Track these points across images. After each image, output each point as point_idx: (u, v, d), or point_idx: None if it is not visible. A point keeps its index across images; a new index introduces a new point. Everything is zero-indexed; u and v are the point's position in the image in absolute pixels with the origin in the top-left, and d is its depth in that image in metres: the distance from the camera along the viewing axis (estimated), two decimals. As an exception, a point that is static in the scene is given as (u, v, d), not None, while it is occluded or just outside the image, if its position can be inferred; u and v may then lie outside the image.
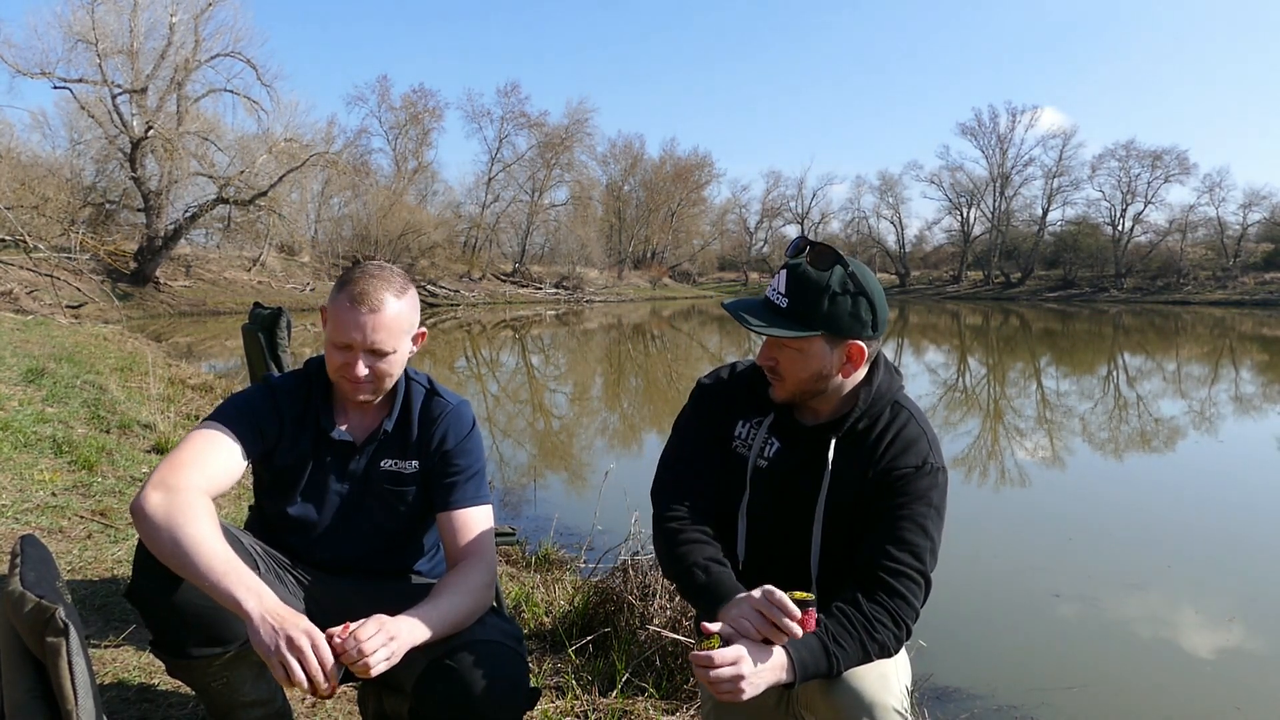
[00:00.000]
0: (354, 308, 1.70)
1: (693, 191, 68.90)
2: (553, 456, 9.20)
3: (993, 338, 29.08)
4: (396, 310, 1.73)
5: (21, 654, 1.24)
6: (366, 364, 1.72)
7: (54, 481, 4.19)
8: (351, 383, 1.74)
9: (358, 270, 1.76)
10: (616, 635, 2.96)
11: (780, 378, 1.66)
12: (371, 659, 1.46)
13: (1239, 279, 52.26)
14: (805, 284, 1.59)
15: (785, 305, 1.60)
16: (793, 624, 1.43)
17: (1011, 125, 63.76)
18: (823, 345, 1.61)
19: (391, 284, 1.74)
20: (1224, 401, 13.43)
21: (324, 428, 1.81)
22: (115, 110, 27.80)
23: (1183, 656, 4.14)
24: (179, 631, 1.63)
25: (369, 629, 1.48)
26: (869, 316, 1.61)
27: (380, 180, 47.19)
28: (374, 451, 1.84)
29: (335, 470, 1.83)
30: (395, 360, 1.76)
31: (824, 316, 1.58)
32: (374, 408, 1.85)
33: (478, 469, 1.87)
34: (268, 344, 3.16)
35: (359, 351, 1.71)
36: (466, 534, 1.80)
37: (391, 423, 1.84)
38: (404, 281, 1.79)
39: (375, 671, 1.47)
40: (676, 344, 25.96)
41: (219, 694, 1.70)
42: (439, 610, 1.62)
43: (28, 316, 15.23)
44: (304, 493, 1.83)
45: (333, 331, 1.73)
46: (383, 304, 1.71)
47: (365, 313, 1.69)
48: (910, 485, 1.60)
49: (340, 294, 1.73)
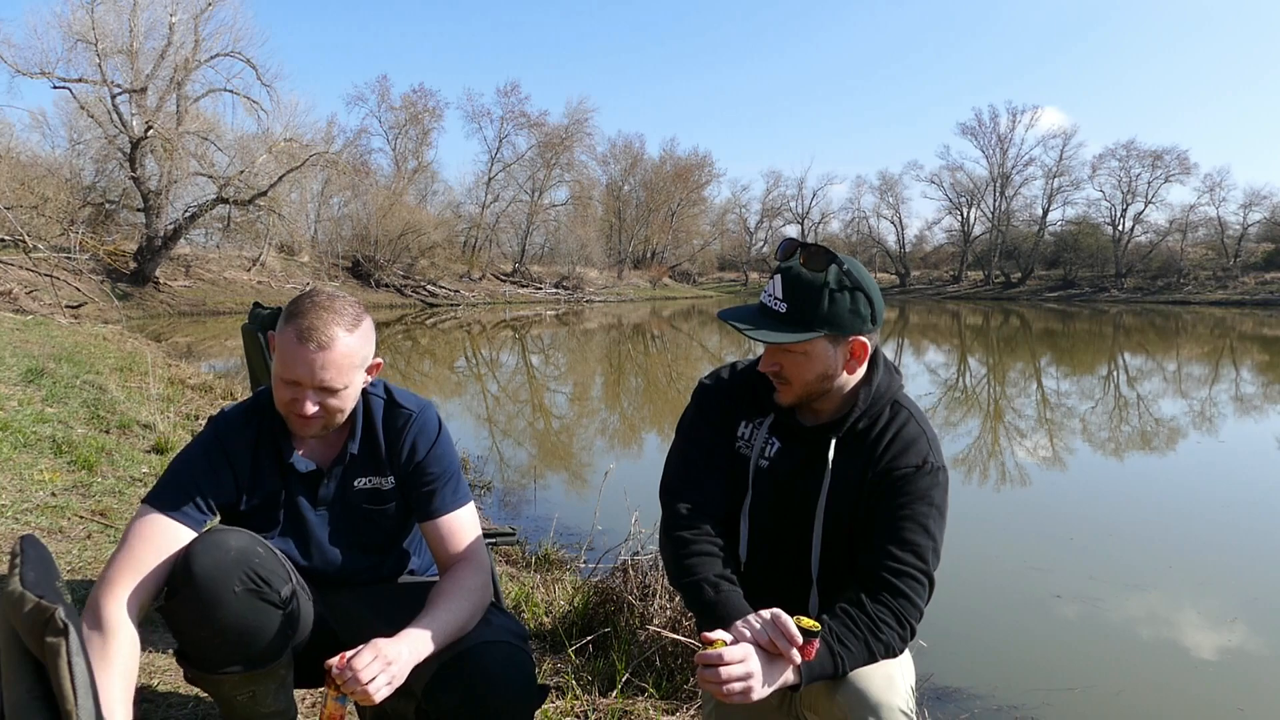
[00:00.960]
0: (301, 344, 1.60)
1: (693, 191, 68.88)
2: (553, 456, 9.19)
3: (993, 338, 29.07)
4: (347, 346, 1.63)
5: (21, 654, 1.24)
6: (315, 401, 1.63)
7: (54, 481, 4.18)
8: (300, 419, 1.66)
9: (307, 301, 1.65)
10: (616, 635, 2.95)
11: (786, 382, 1.65)
12: (370, 687, 1.44)
13: (1239, 279, 52.24)
14: (802, 286, 1.58)
15: (784, 310, 1.59)
16: (794, 652, 1.43)
17: (1012, 125, 63.91)
18: (826, 345, 1.60)
19: (343, 317, 1.63)
20: (1224, 401, 13.43)
21: (285, 459, 1.75)
22: (115, 110, 27.78)
23: (1185, 657, 4.13)
24: (218, 650, 1.60)
25: (364, 658, 1.45)
26: (868, 310, 1.61)
27: (380, 180, 47.23)
28: (343, 473, 1.79)
29: (306, 499, 1.78)
30: (347, 395, 1.68)
31: (825, 316, 1.57)
32: (333, 433, 1.78)
33: (453, 472, 1.82)
34: (267, 344, 3.16)
35: (307, 389, 1.62)
36: (454, 539, 1.78)
37: (356, 444, 1.78)
38: (356, 312, 1.67)
39: (378, 699, 1.45)
40: (676, 344, 25.95)
41: (243, 706, 1.67)
42: (439, 620, 1.59)
43: (27, 316, 15.22)
44: (281, 530, 1.78)
45: (279, 366, 1.64)
46: (333, 340, 1.61)
47: (314, 350, 1.59)
48: (911, 485, 1.60)
49: (288, 327, 1.62)
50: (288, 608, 1.63)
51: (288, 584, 1.65)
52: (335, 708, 1.49)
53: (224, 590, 1.53)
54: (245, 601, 1.56)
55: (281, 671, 1.67)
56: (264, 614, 1.57)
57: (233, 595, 1.53)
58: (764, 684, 1.41)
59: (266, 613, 1.58)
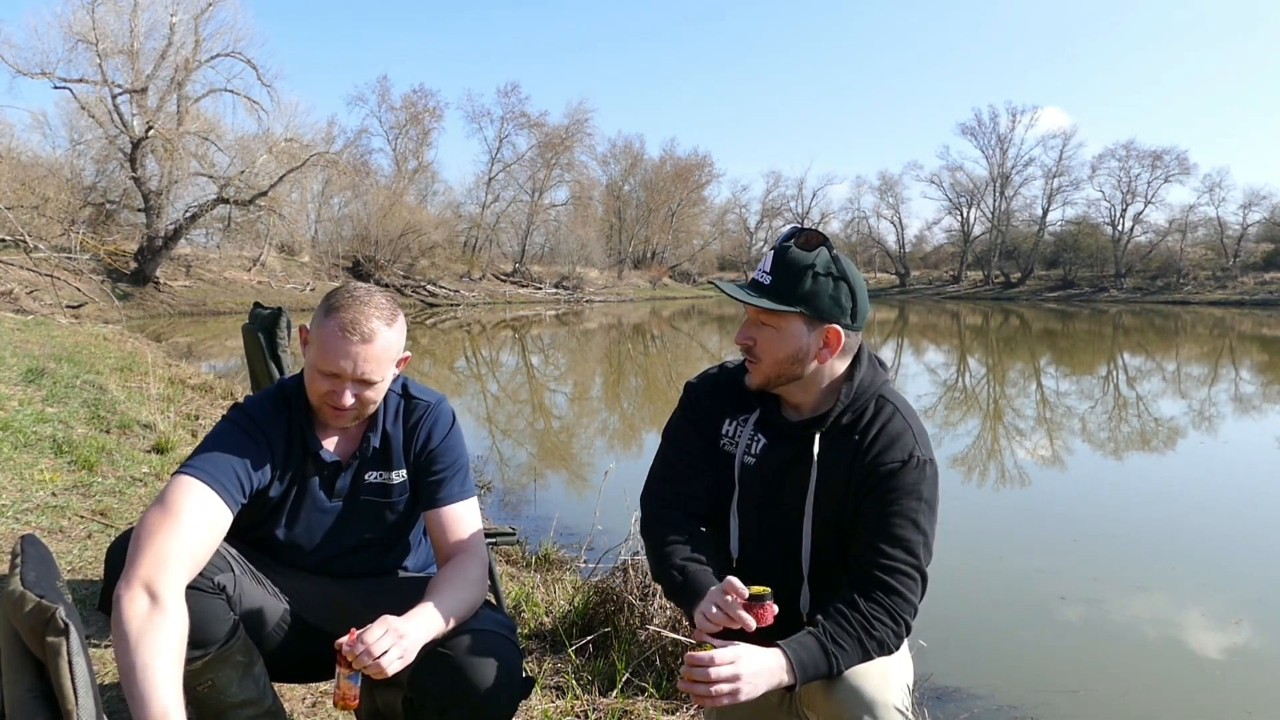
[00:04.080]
0: (345, 336, 1.64)
1: (693, 191, 68.88)
2: (553, 456, 9.19)
3: (993, 338, 29.07)
4: (387, 340, 1.68)
5: (21, 654, 1.24)
6: (353, 393, 1.68)
7: (54, 481, 4.19)
8: (335, 410, 1.71)
9: (346, 295, 1.70)
10: (616, 635, 2.95)
11: (756, 359, 1.66)
12: (384, 660, 1.46)
13: (1239, 279, 52.24)
14: (789, 263, 1.62)
15: (768, 282, 1.62)
16: (745, 615, 1.45)
17: (1011, 125, 63.86)
18: (800, 325, 1.62)
19: (382, 311, 1.69)
20: (1224, 401, 13.43)
21: (312, 449, 1.79)
22: (115, 110, 27.81)
23: (1189, 659, 4.12)
24: None
25: (375, 631, 1.48)
26: (849, 304, 1.62)
27: (380, 180, 47.23)
28: (358, 466, 1.83)
29: (323, 489, 1.81)
30: (381, 388, 1.73)
31: (804, 295, 1.60)
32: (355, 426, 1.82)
33: (462, 464, 1.86)
34: (268, 344, 3.16)
35: (346, 381, 1.67)
36: (457, 529, 1.81)
37: (377, 438, 1.82)
38: (393, 308, 1.73)
39: (390, 671, 1.47)
40: (676, 344, 25.96)
41: (206, 697, 1.68)
42: (445, 605, 1.62)
43: (28, 316, 15.23)
44: (290, 516, 1.81)
45: (319, 358, 1.68)
46: (374, 334, 1.66)
47: (357, 343, 1.64)
48: (898, 480, 1.60)
49: (329, 320, 1.66)
50: (223, 593, 1.64)
51: (224, 573, 1.66)
52: (347, 686, 1.51)
53: None
54: None
55: (238, 658, 1.67)
56: (194, 599, 1.56)
57: None
58: (755, 684, 1.42)
59: (196, 598, 1.57)
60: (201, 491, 1.61)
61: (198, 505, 1.59)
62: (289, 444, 1.78)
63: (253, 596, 1.73)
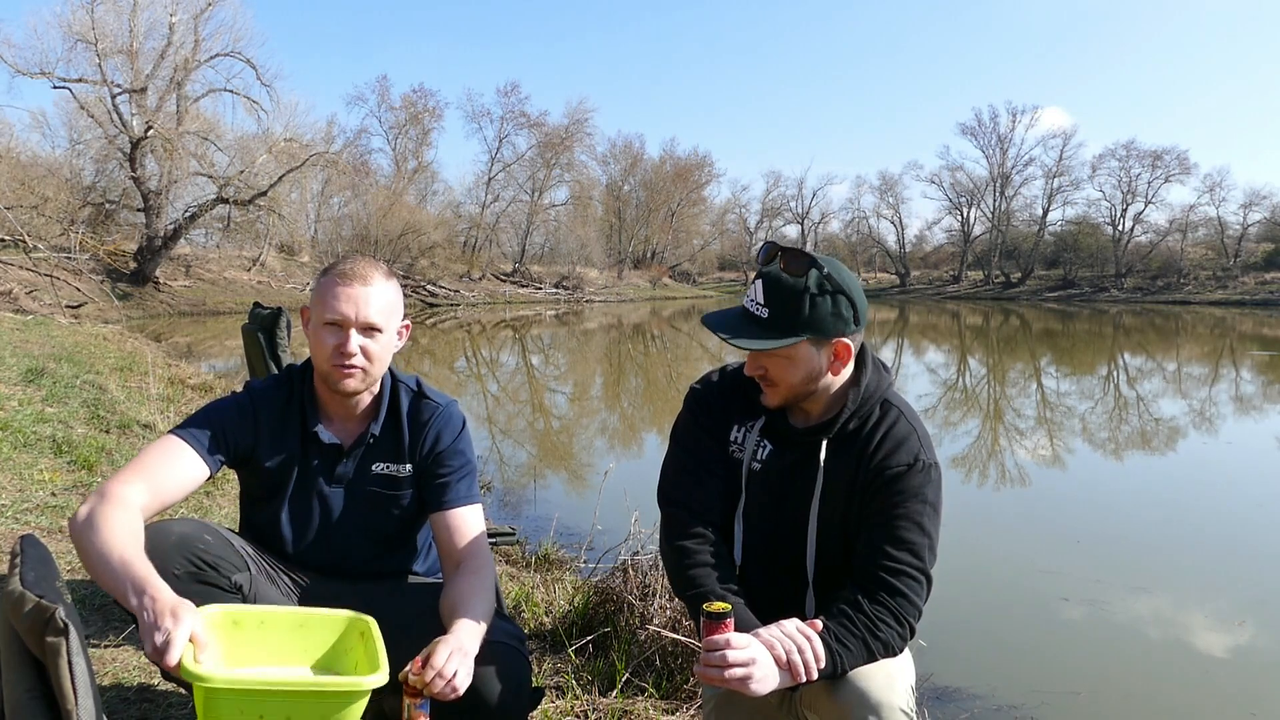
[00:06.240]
0: (346, 283, 1.71)
1: (693, 191, 68.88)
2: (553, 456, 9.19)
3: (993, 338, 29.07)
4: (385, 288, 1.76)
5: (21, 654, 1.24)
6: (358, 343, 1.71)
7: (54, 481, 4.18)
8: (343, 366, 1.71)
9: (342, 259, 1.80)
10: (616, 635, 2.95)
11: (772, 384, 1.65)
12: (457, 681, 1.46)
13: (1239, 279, 52.23)
14: (783, 291, 1.58)
15: (766, 315, 1.59)
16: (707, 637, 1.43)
17: (1011, 125, 63.83)
18: (809, 349, 1.60)
19: (379, 266, 1.78)
20: (1225, 401, 13.43)
21: (310, 428, 1.80)
22: (115, 110, 27.82)
23: (1192, 660, 4.10)
24: None
25: (441, 654, 1.47)
26: (849, 313, 1.61)
27: (380, 180, 47.30)
28: (363, 455, 1.83)
29: (323, 473, 1.82)
30: (385, 343, 1.76)
31: (806, 321, 1.57)
32: (360, 412, 1.83)
33: (470, 469, 1.87)
34: (267, 344, 3.16)
35: (350, 328, 1.70)
36: (463, 533, 1.80)
37: (379, 426, 1.82)
38: (389, 269, 1.82)
39: (463, 691, 1.48)
40: (676, 344, 25.96)
41: None
42: (480, 615, 1.63)
43: (27, 316, 15.23)
44: (292, 497, 1.82)
45: (322, 310, 1.73)
46: (372, 278, 1.74)
47: (357, 285, 1.71)
48: (904, 483, 1.60)
49: (327, 276, 1.75)
50: (239, 593, 1.65)
51: (241, 573, 1.67)
52: (419, 716, 1.49)
53: (163, 574, 1.52)
54: (185, 585, 1.56)
55: None
56: (207, 597, 1.57)
57: (173, 578, 1.54)
58: (765, 677, 1.41)
59: (210, 595, 1.58)
60: (171, 441, 1.70)
61: (163, 448, 1.69)
62: (285, 416, 1.81)
63: (267, 597, 1.74)
